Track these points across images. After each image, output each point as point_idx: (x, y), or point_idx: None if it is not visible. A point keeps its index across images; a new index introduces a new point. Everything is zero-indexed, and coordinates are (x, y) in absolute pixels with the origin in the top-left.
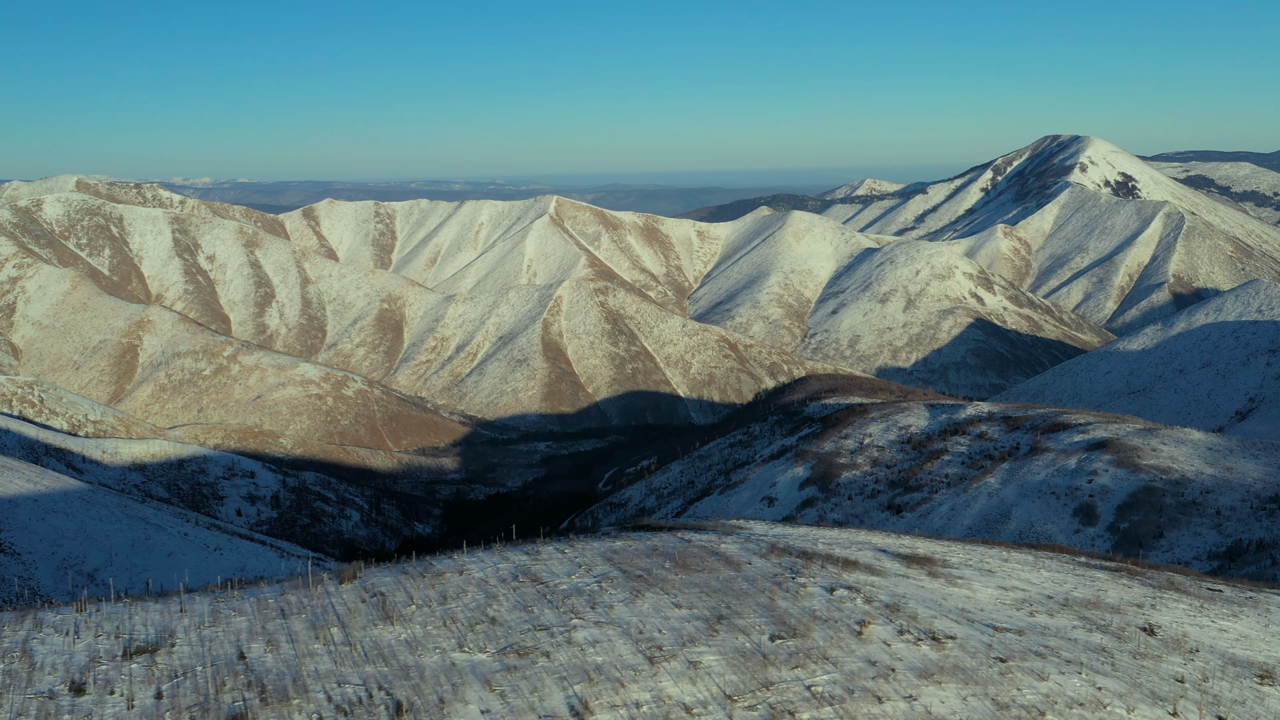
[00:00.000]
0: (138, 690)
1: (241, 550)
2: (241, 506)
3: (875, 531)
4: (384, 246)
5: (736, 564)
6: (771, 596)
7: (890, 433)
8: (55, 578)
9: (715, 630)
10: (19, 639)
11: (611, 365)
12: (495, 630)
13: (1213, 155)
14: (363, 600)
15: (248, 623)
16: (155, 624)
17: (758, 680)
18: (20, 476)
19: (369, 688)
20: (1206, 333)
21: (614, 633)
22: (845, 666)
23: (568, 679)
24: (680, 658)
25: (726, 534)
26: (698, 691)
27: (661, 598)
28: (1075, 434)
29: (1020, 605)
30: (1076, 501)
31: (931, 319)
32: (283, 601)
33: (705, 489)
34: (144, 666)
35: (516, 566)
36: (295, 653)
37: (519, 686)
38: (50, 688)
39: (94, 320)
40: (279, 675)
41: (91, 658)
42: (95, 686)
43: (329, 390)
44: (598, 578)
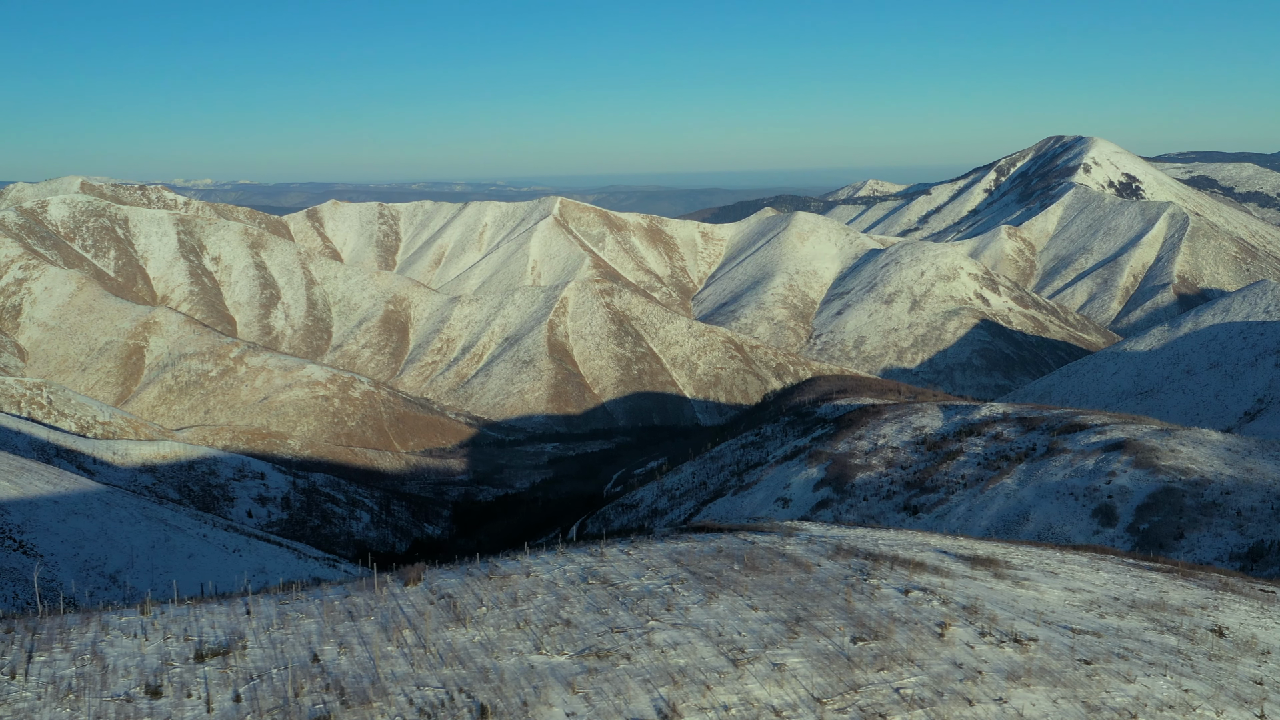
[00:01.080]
0: (215, 693)
1: (260, 552)
2: (252, 508)
3: (931, 533)
4: (388, 248)
5: (806, 565)
6: (847, 598)
7: (904, 434)
8: (78, 579)
9: (795, 632)
10: (87, 641)
11: (617, 366)
12: (571, 632)
13: (1215, 156)
14: (430, 602)
15: (316, 625)
16: (223, 626)
17: (844, 683)
18: (40, 478)
19: (449, 690)
20: (1214, 333)
21: (693, 635)
22: (931, 669)
23: (651, 681)
24: (763, 660)
25: (788, 535)
26: (785, 694)
27: (736, 600)
28: (1092, 435)
29: (1089, 607)
30: (1095, 503)
31: (937, 320)
32: (349, 604)
33: (718, 490)
34: (217, 669)
35: (583, 568)
36: (369, 655)
37: (602, 689)
38: (126, 690)
39: (100, 322)
40: (356, 678)
41: (164, 660)
42: (171, 689)
43: (336, 391)
44: (668, 579)
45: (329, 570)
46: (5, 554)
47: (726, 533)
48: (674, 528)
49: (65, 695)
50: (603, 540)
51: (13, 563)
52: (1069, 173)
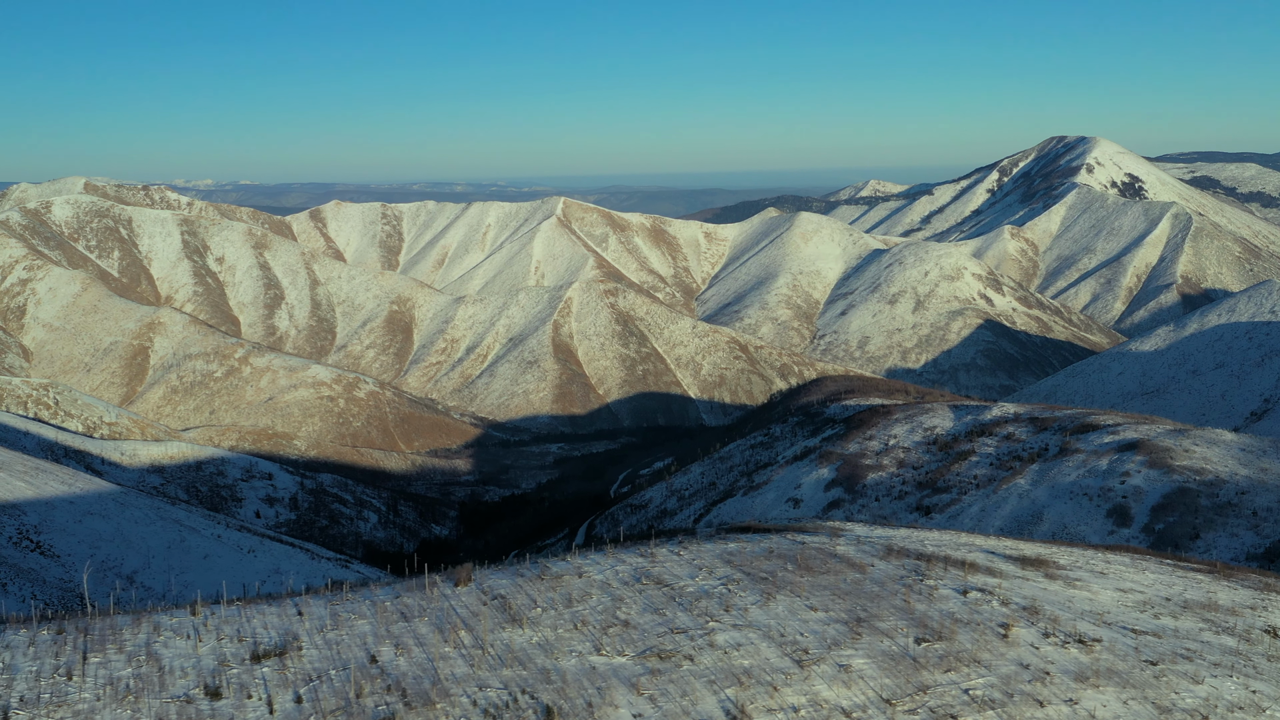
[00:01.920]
0: (275, 694)
1: (274, 552)
2: (260, 508)
3: (974, 534)
4: (391, 248)
5: (860, 566)
6: (906, 599)
7: (915, 434)
8: (95, 580)
9: (857, 633)
10: (140, 642)
11: (622, 367)
12: (630, 633)
13: (1217, 156)
14: (483, 603)
15: (370, 626)
16: (275, 627)
17: (912, 684)
18: (55, 478)
19: (511, 691)
20: (1219, 334)
21: (755, 635)
22: (998, 670)
23: (717, 682)
24: (829, 661)
25: (835, 536)
26: (853, 695)
27: (794, 600)
28: (1105, 435)
29: (1143, 607)
30: (1110, 503)
31: (941, 320)
32: (400, 604)
33: (728, 491)
34: (275, 670)
35: (635, 569)
36: (427, 656)
37: (667, 690)
38: (185, 691)
39: (105, 322)
40: (416, 679)
41: (220, 661)
42: (231, 690)
43: (341, 392)
44: (722, 580)
45: (342, 571)
46: (23, 554)
47: (774, 533)
48: (717, 528)
49: (124, 697)
50: (652, 540)
51: (30, 563)
52: (1072, 173)
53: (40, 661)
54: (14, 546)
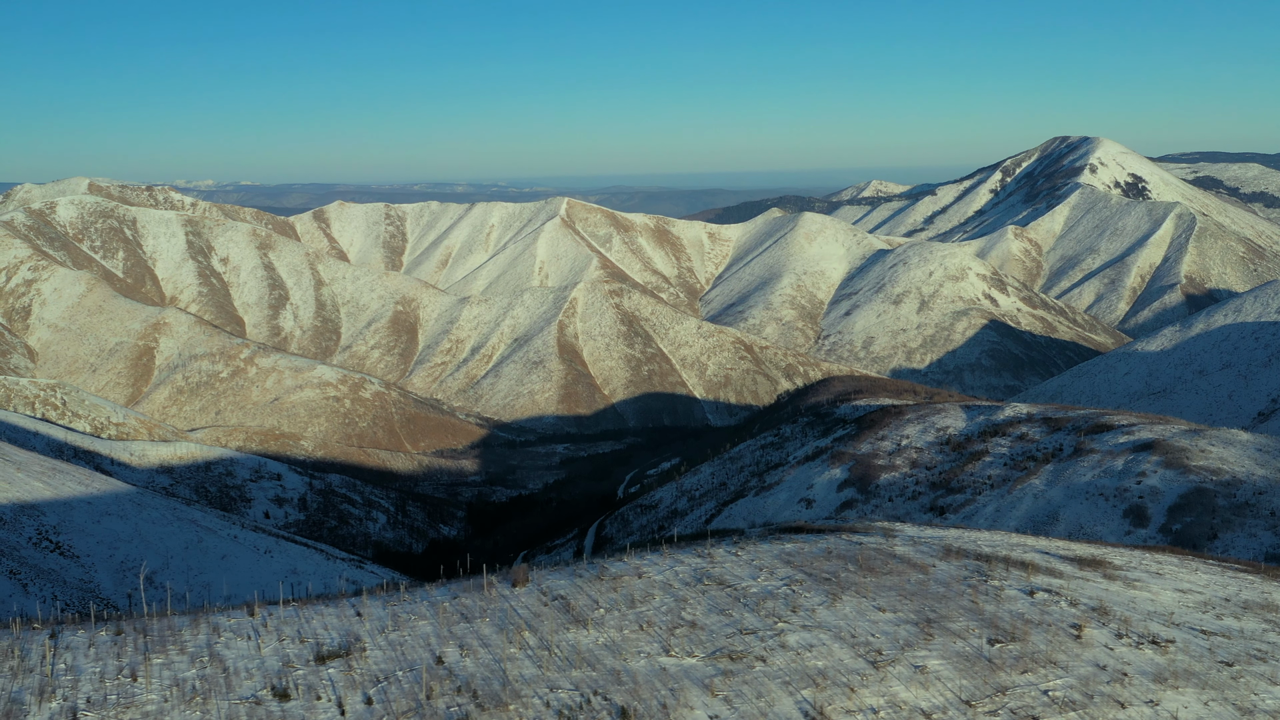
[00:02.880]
0: (344, 695)
1: (290, 553)
2: (269, 509)
3: (1019, 534)
4: (395, 249)
5: (922, 567)
6: (974, 600)
7: (928, 434)
8: (114, 580)
9: (929, 634)
10: (201, 643)
11: (627, 367)
12: (698, 634)
13: (1220, 156)
14: (544, 604)
15: (432, 627)
16: (335, 628)
17: (990, 685)
18: (72, 479)
19: (583, 692)
20: (1226, 334)
21: (825, 636)
22: (1075, 671)
23: (791, 684)
24: (903, 662)
25: (888, 536)
26: (931, 697)
27: (861, 601)
28: (1120, 435)
29: (1204, 608)
30: (1126, 503)
31: (945, 320)
32: (459, 605)
33: (739, 491)
34: (341, 671)
35: (694, 569)
36: (494, 657)
37: (742, 691)
38: (253, 692)
39: (110, 323)
40: (485, 680)
41: (284, 662)
42: (299, 691)
43: (346, 392)
44: (785, 581)
45: (357, 572)
46: (43, 555)
47: (828, 533)
48: (766, 529)
49: (192, 698)
50: (708, 540)
51: (50, 564)
52: (1075, 173)
53: (103, 663)
54: (34, 547)
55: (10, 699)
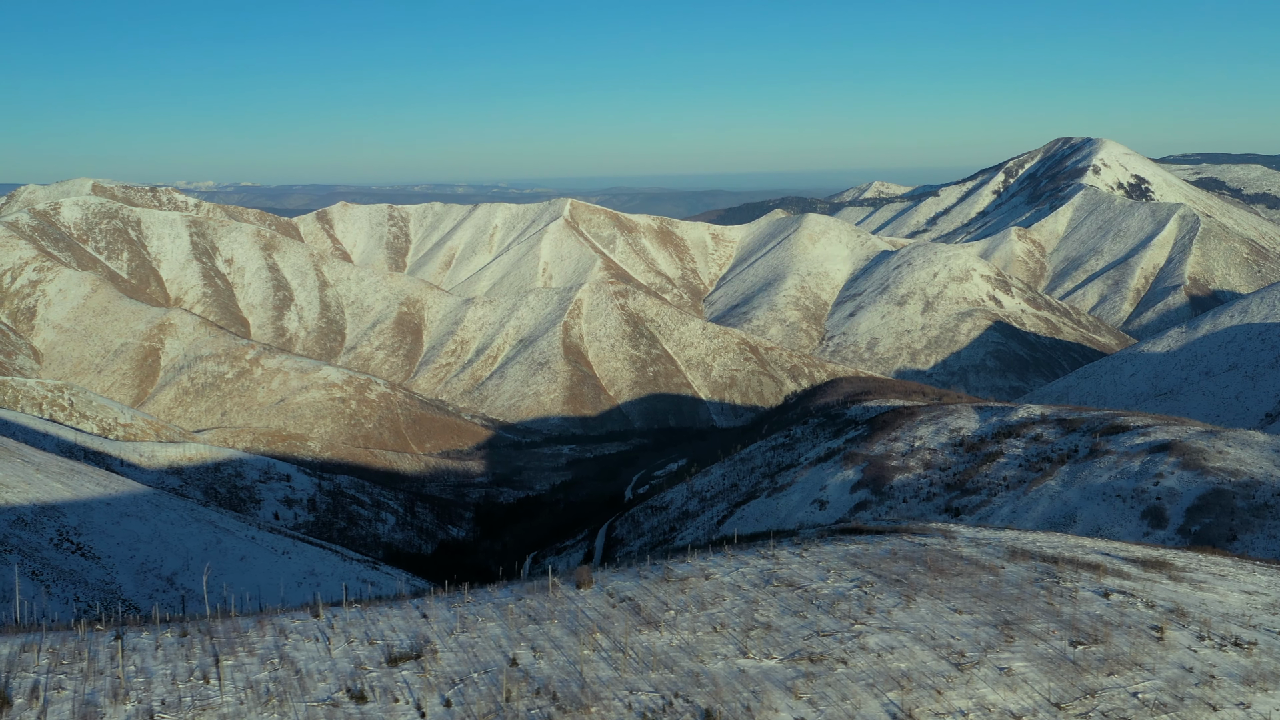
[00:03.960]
0: (422, 697)
1: (307, 554)
2: (279, 510)
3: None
4: (398, 250)
5: (990, 568)
6: (1049, 601)
7: (941, 435)
8: (136, 582)
9: (1010, 636)
10: (269, 645)
11: (633, 368)
12: (774, 636)
13: (1222, 158)
14: (612, 606)
15: (501, 629)
16: (403, 630)
17: (1077, 687)
18: (90, 480)
19: (664, 695)
20: (1232, 335)
21: (905, 638)
22: (1161, 673)
23: (876, 686)
24: (987, 664)
25: (948, 537)
26: (1019, 699)
27: (936, 603)
28: (1136, 436)
29: (1273, 609)
30: (1144, 504)
31: (950, 321)
32: (525, 607)
33: (750, 492)
34: (414, 673)
35: (761, 571)
36: (568, 659)
37: (825, 694)
38: (329, 695)
39: (115, 324)
40: (562, 682)
41: (356, 664)
42: (375, 694)
43: (352, 393)
44: (854, 582)
45: (373, 573)
46: (64, 556)
47: (887, 534)
48: (822, 530)
49: (268, 700)
50: (770, 541)
51: (72, 565)
52: (1078, 174)
53: (172, 664)
54: (55, 548)
55: (85, 701)
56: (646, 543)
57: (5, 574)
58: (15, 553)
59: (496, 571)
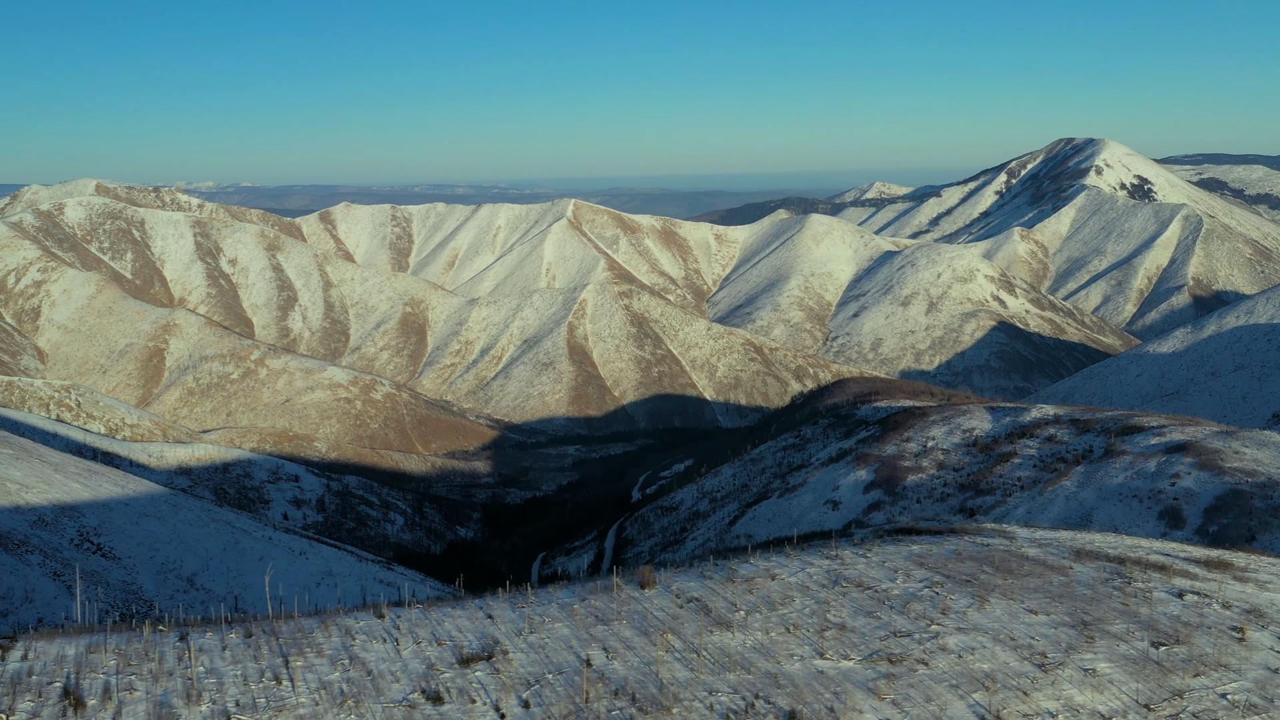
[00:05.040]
0: (500, 698)
1: (324, 554)
2: (288, 510)
3: (1129, 535)
4: (401, 250)
5: (1059, 569)
6: (1124, 602)
7: (954, 435)
8: (156, 582)
9: (1090, 637)
10: (337, 645)
11: (637, 368)
12: (849, 637)
13: (1224, 158)
14: (679, 606)
15: (569, 629)
16: (470, 631)
17: (1165, 688)
18: (108, 480)
19: (744, 696)
20: (1238, 335)
21: (984, 639)
22: (1248, 674)
23: (960, 687)
24: (1071, 665)
25: (1007, 538)
26: (1107, 700)
27: (1010, 603)
28: (1151, 437)
29: None
30: (1160, 505)
31: (954, 322)
32: (591, 607)
33: (761, 493)
34: (488, 674)
35: (826, 571)
36: (641, 660)
37: (909, 694)
38: (404, 696)
39: (120, 324)
40: (639, 683)
41: (428, 665)
42: (451, 695)
43: (358, 394)
44: (924, 583)
45: (388, 573)
46: (85, 557)
47: (947, 534)
48: (878, 530)
49: (343, 701)
50: (833, 541)
51: (93, 565)
52: (1081, 174)
53: (242, 665)
54: (76, 549)
55: (158, 702)
56: (657, 543)
57: (27, 574)
58: (37, 553)
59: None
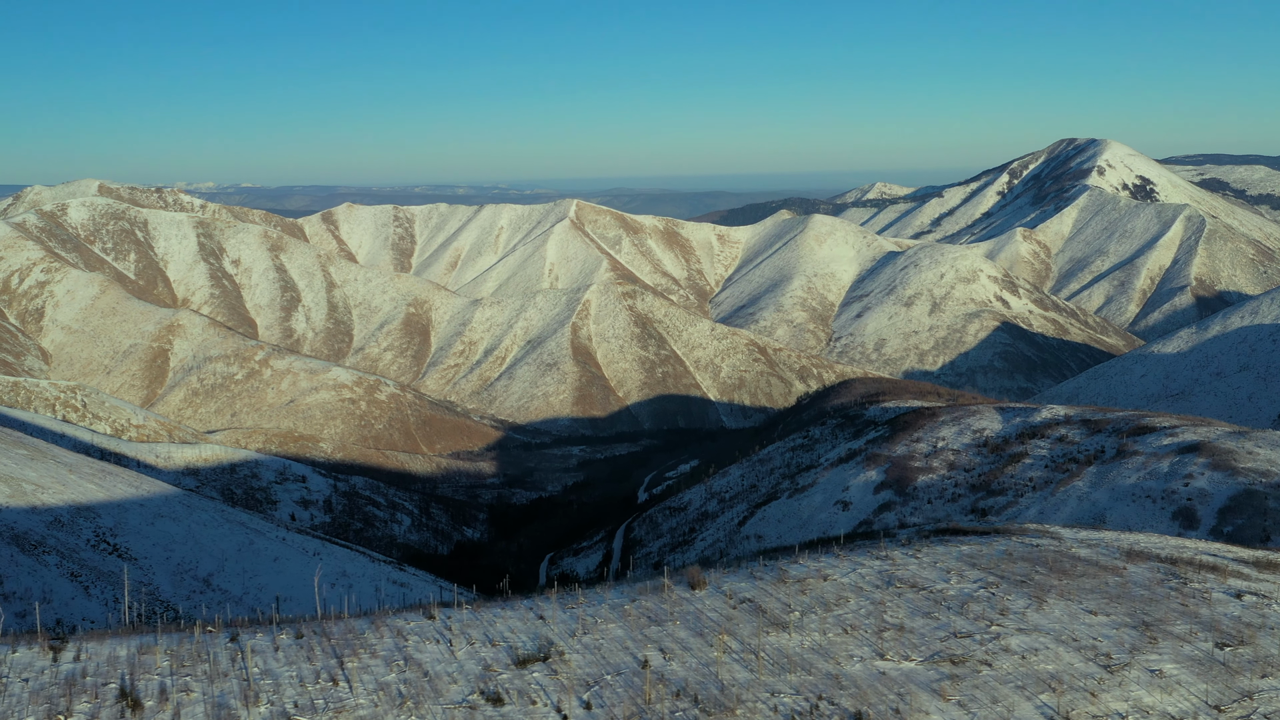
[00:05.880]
0: (561, 700)
1: (337, 555)
2: (295, 511)
3: (1172, 536)
4: (403, 250)
5: (1112, 569)
6: (1183, 603)
7: (964, 436)
8: (173, 583)
9: (1153, 638)
10: (390, 646)
11: (641, 369)
12: (909, 638)
13: (1225, 159)
14: (732, 607)
15: (623, 630)
16: (522, 631)
17: (1234, 690)
18: (122, 481)
19: (808, 697)
20: (1243, 335)
21: (1046, 640)
22: None
23: (1026, 688)
24: (1136, 666)
25: (1054, 538)
26: (1176, 701)
27: (1068, 604)
28: (1163, 437)
29: None
30: (1174, 505)
31: (957, 322)
32: (642, 608)
33: (770, 493)
34: (546, 675)
35: (878, 572)
36: (699, 661)
37: (975, 696)
38: (463, 697)
39: (124, 325)
40: (700, 684)
41: (484, 666)
42: (512, 696)
43: (362, 394)
44: (979, 584)
45: (401, 574)
46: (102, 558)
47: (993, 535)
48: (920, 530)
49: (402, 702)
50: (880, 542)
51: (110, 566)
52: (1083, 175)
53: (296, 666)
54: (92, 549)
55: (216, 703)
56: (666, 544)
57: (45, 575)
58: (54, 554)
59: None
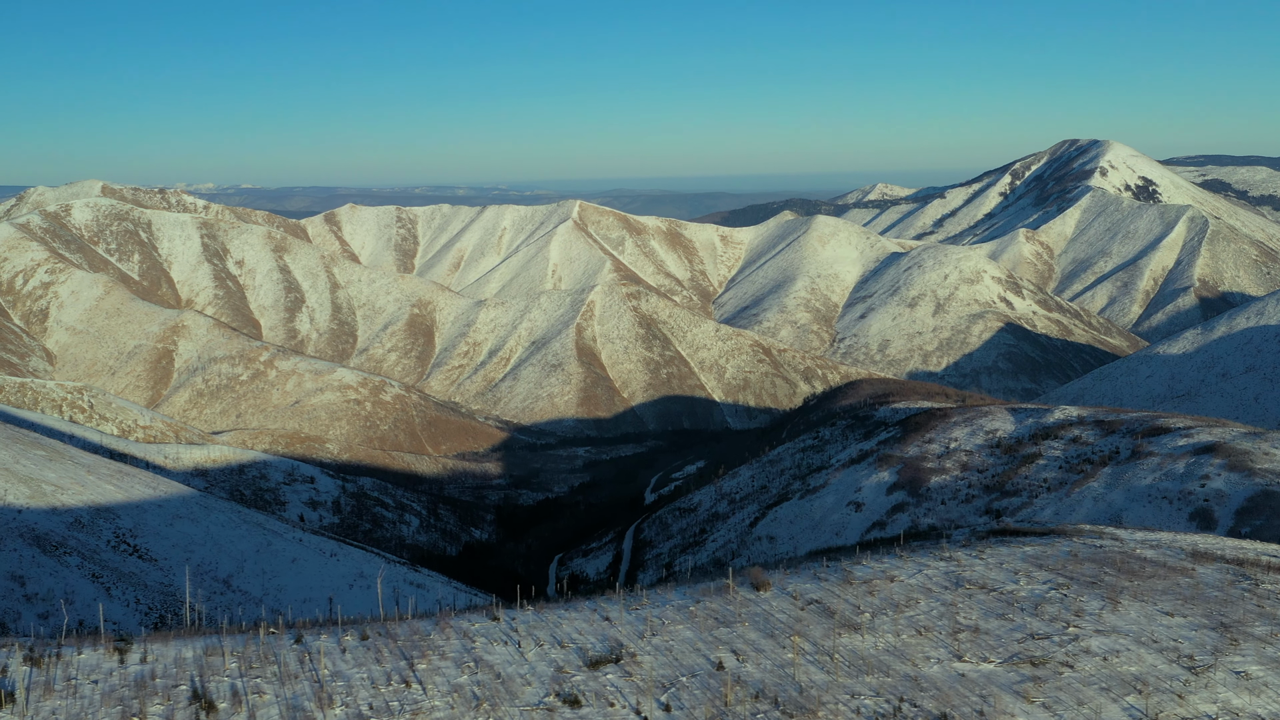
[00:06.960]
0: (640, 701)
1: (353, 556)
2: (304, 512)
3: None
4: (406, 251)
5: (1182, 570)
6: (1259, 604)
7: (976, 437)
8: (193, 584)
9: (1234, 640)
10: (458, 648)
11: (646, 370)
12: (985, 639)
13: (1227, 159)
14: (800, 608)
15: (692, 632)
16: (590, 633)
17: None
18: (139, 482)
19: (888, 699)
20: (1248, 336)
21: (1126, 642)
22: None
23: (1110, 690)
24: (1221, 668)
25: (1113, 538)
26: (1265, 703)
27: (1144, 606)
28: (1178, 438)
29: None
30: (1191, 506)
31: (961, 323)
32: (708, 609)
33: (782, 494)
34: (620, 677)
35: (946, 573)
36: (774, 663)
37: (1059, 698)
38: (539, 699)
39: (128, 326)
40: (777, 686)
41: (556, 668)
42: (589, 698)
43: (367, 395)
44: (1049, 585)
45: (415, 575)
46: (122, 558)
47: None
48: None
49: (478, 705)
50: (942, 543)
51: (130, 567)
52: (1085, 176)
53: (366, 668)
54: (113, 550)
55: (290, 705)
56: (676, 545)
57: (66, 576)
58: (75, 555)
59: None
